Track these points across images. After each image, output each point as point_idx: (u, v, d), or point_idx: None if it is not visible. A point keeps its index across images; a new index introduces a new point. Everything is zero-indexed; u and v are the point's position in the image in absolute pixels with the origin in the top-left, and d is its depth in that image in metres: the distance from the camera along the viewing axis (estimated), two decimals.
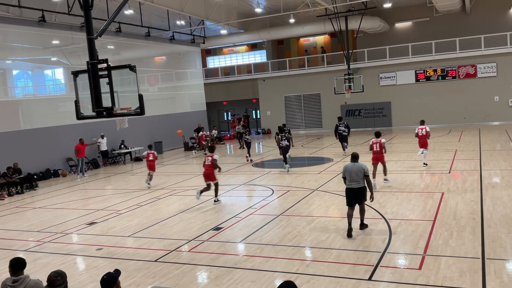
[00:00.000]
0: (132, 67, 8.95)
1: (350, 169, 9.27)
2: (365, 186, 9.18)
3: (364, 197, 9.19)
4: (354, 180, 9.13)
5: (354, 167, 9.27)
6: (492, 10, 29.89)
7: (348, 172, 9.26)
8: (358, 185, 9.11)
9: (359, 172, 9.13)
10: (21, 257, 5.35)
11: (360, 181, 9.10)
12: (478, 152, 18.38)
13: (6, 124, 19.62)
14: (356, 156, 9.66)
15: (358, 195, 9.12)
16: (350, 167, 9.35)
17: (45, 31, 21.20)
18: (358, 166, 9.25)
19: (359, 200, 9.17)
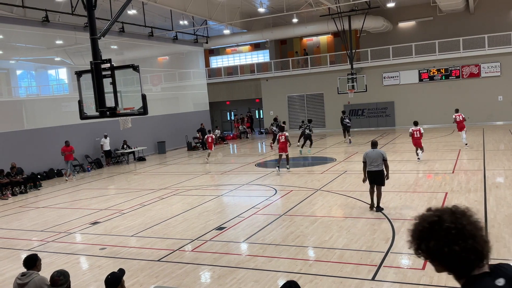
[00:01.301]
0: (135, 67, 8.97)
1: (370, 155, 10.55)
2: (383, 169, 10.48)
3: (382, 180, 10.54)
4: (374, 164, 10.46)
5: (374, 152, 10.54)
6: (495, 9, 29.78)
7: (369, 157, 10.54)
8: (377, 168, 10.45)
9: (378, 157, 10.45)
10: (34, 254, 5.53)
11: (379, 165, 10.44)
12: (481, 152, 18.32)
13: (10, 124, 19.68)
14: (375, 143, 10.85)
15: (377, 176, 10.47)
16: (370, 152, 10.60)
17: (48, 31, 21.27)
18: (377, 151, 10.55)
19: (378, 181, 10.51)
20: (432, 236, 2.01)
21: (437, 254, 2.02)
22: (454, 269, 2.06)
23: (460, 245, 1.96)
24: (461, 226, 2.00)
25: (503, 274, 2.02)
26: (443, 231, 2.00)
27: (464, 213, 2.08)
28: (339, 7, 25.77)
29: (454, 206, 2.14)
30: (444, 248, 1.98)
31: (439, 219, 2.05)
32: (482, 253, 2.00)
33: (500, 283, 1.99)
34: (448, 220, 2.03)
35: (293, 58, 34.77)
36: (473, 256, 1.98)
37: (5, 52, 21.16)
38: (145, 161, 24.82)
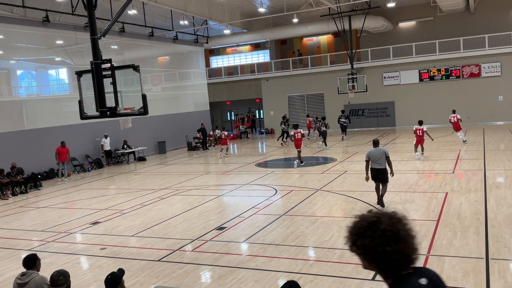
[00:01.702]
0: (136, 67, 8.97)
1: (373, 153, 10.85)
2: (386, 167, 10.80)
3: (386, 178, 10.83)
4: (377, 162, 10.77)
5: (376, 151, 10.85)
6: (496, 9, 29.77)
7: (372, 156, 10.84)
8: (380, 166, 10.78)
9: (382, 155, 10.76)
10: (33, 253, 5.54)
11: (382, 162, 10.75)
12: (482, 152, 18.32)
13: (10, 124, 19.69)
14: (377, 142, 11.21)
15: (380, 174, 10.79)
16: (373, 151, 10.90)
17: (49, 31, 21.27)
18: (380, 150, 10.90)
19: (381, 179, 10.82)
20: (369, 235, 2.16)
21: (370, 252, 2.16)
22: (383, 268, 2.21)
23: (392, 247, 2.12)
24: (396, 230, 2.16)
25: (424, 275, 2.22)
26: (380, 231, 2.14)
27: (401, 220, 2.24)
28: (339, 7, 25.76)
29: (393, 212, 2.28)
30: (378, 247, 2.13)
31: (377, 220, 2.19)
32: (410, 257, 2.17)
33: (423, 282, 2.18)
34: (385, 222, 2.17)
35: (293, 58, 34.78)
36: (403, 259, 2.15)
37: (6, 52, 21.16)
38: (146, 161, 24.83)
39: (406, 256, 2.17)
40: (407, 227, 2.22)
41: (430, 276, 2.24)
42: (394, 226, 2.18)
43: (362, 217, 2.26)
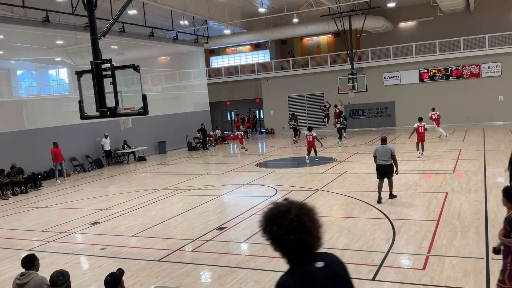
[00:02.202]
0: (136, 67, 8.97)
1: (380, 150, 11.37)
2: (392, 163, 11.26)
3: (391, 172, 11.36)
4: (383, 158, 11.25)
5: (383, 148, 11.36)
6: (496, 9, 29.77)
7: (378, 152, 11.36)
8: (386, 163, 11.25)
9: (387, 152, 11.24)
10: (31, 254, 5.53)
11: (388, 159, 11.22)
12: (482, 152, 18.32)
13: (10, 124, 19.69)
14: (384, 139, 11.72)
15: (387, 170, 11.29)
16: (379, 148, 11.43)
17: (49, 31, 21.28)
18: (386, 147, 11.37)
19: (387, 175, 11.34)
20: (277, 223, 2.36)
21: (276, 239, 2.38)
22: (287, 254, 2.42)
23: (296, 236, 2.34)
24: (302, 221, 2.37)
25: (322, 259, 2.46)
26: (287, 221, 2.34)
27: (309, 211, 2.44)
28: (340, 7, 25.76)
29: (304, 203, 2.47)
30: (284, 235, 2.34)
31: (287, 210, 2.38)
32: (312, 247, 2.41)
33: (319, 265, 2.43)
34: (293, 213, 2.37)
35: (293, 58, 34.78)
36: (304, 247, 2.38)
37: (6, 52, 21.17)
38: (146, 161, 24.83)
39: (308, 245, 2.39)
40: (313, 218, 2.43)
41: (328, 260, 2.49)
42: (301, 217, 2.37)
43: (275, 205, 2.43)
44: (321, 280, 2.39)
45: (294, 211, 2.37)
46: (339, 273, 2.49)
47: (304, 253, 2.41)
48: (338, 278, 2.47)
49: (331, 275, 2.44)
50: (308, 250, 2.41)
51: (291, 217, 2.35)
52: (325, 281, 2.40)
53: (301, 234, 2.35)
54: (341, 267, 2.53)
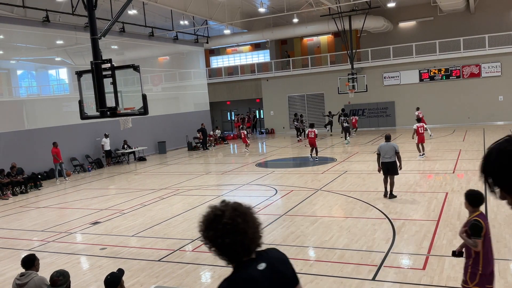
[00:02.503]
0: (136, 67, 8.98)
1: (384, 147, 11.59)
2: (396, 160, 11.52)
3: (395, 170, 11.57)
4: (387, 156, 11.48)
5: (387, 145, 11.57)
6: (496, 9, 29.77)
7: (382, 150, 11.58)
8: (390, 160, 11.50)
9: (391, 149, 11.48)
10: (31, 254, 5.53)
11: (392, 156, 11.46)
12: (482, 152, 18.30)
13: (10, 124, 19.69)
14: (389, 137, 11.94)
15: (391, 167, 11.52)
16: (383, 145, 11.64)
17: (49, 31, 21.28)
18: (390, 145, 11.57)
19: (391, 172, 11.55)
20: (213, 227, 2.38)
21: (213, 243, 2.41)
22: (224, 257, 2.43)
23: (231, 239, 2.34)
24: (236, 223, 2.36)
25: (264, 259, 2.48)
26: (221, 225, 2.35)
27: (244, 212, 2.44)
28: (340, 7, 25.77)
29: (239, 205, 2.48)
30: (218, 239, 2.37)
31: (222, 213, 2.39)
32: (249, 248, 2.41)
33: (261, 267, 2.44)
34: (227, 216, 2.37)
35: (289, 59, 34.77)
36: (240, 249, 2.38)
37: (6, 52, 21.17)
38: (146, 161, 24.83)
39: (244, 247, 2.39)
40: (248, 219, 2.43)
41: (270, 260, 2.49)
42: (234, 220, 2.37)
43: (212, 209, 2.46)
44: (264, 283, 2.41)
45: (228, 214, 2.38)
46: (281, 271, 2.52)
47: (242, 255, 2.42)
48: (281, 277, 2.51)
49: (273, 276, 2.46)
50: (244, 252, 2.41)
51: (225, 220, 2.36)
52: (268, 283, 2.42)
53: (236, 237, 2.35)
54: (283, 264, 2.56)
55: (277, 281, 2.48)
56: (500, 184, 1.61)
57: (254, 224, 2.46)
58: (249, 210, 2.50)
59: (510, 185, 1.58)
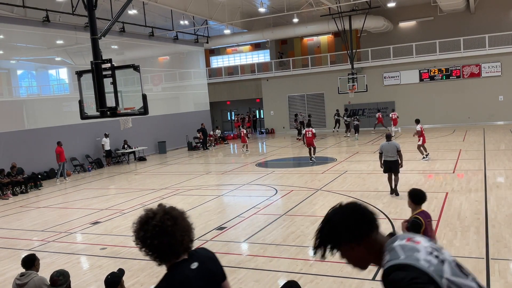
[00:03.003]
0: (136, 67, 8.97)
1: (386, 146, 11.87)
2: (398, 159, 11.80)
3: (397, 168, 11.90)
4: (389, 155, 11.78)
5: (389, 145, 11.85)
6: (496, 9, 29.76)
7: (385, 149, 11.87)
8: (392, 158, 11.80)
9: (394, 148, 11.76)
10: (32, 254, 5.53)
11: (394, 155, 11.75)
12: (482, 152, 18.31)
13: (10, 123, 19.69)
14: (389, 136, 12.25)
15: (393, 165, 11.83)
16: (385, 144, 11.91)
17: (49, 31, 21.28)
18: (392, 144, 11.88)
19: (393, 170, 11.88)
20: (144, 229, 2.50)
21: (143, 243, 2.50)
22: (154, 257, 2.54)
23: (159, 240, 2.46)
24: (165, 225, 2.48)
25: (196, 258, 2.63)
26: (151, 226, 2.48)
27: (175, 216, 2.56)
28: (340, 7, 25.76)
29: (172, 209, 2.62)
30: (147, 240, 2.47)
31: (153, 216, 2.52)
32: (177, 250, 2.53)
33: (194, 266, 2.59)
34: (157, 219, 2.50)
35: (294, 58, 34.78)
36: (168, 250, 2.50)
37: (6, 52, 21.17)
38: (146, 161, 24.83)
39: (171, 248, 2.50)
40: (178, 222, 2.55)
41: (201, 259, 2.65)
42: (164, 222, 2.49)
43: (145, 212, 2.58)
44: (196, 281, 2.55)
45: (158, 217, 2.50)
46: (211, 269, 2.69)
47: (170, 257, 2.54)
48: (211, 274, 2.67)
49: (205, 274, 2.62)
50: (173, 253, 2.53)
51: (154, 223, 2.48)
52: (200, 281, 2.57)
53: (163, 238, 2.46)
54: (213, 262, 2.73)
55: (208, 278, 2.65)
56: (336, 245, 2.01)
57: (184, 228, 2.57)
58: (181, 214, 2.62)
59: (341, 242, 1.99)
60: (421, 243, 1.98)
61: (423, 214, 5.29)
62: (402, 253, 1.89)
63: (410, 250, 1.91)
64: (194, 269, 2.59)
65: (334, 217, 2.04)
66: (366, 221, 2.01)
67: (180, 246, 2.54)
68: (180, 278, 2.54)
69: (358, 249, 1.99)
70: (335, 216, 2.04)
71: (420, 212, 5.25)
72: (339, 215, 2.03)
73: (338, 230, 1.99)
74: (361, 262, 2.06)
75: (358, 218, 2.01)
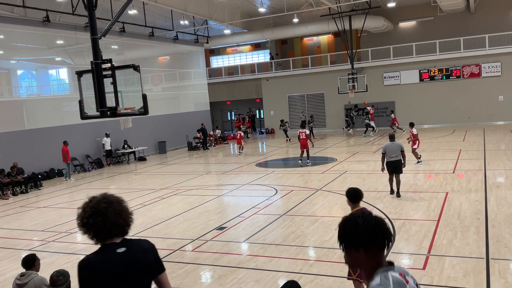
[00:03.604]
0: (136, 67, 8.97)
1: (390, 146, 11.79)
2: (401, 159, 11.75)
3: (400, 169, 11.84)
4: (394, 154, 11.72)
5: (393, 145, 11.79)
6: (496, 9, 29.76)
7: (388, 149, 11.79)
8: (396, 158, 11.74)
9: (397, 148, 11.72)
10: (32, 254, 5.52)
11: (398, 155, 11.71)
12: (482, 152, 18.31)
13: (10, 124, 19.70)
14: (393, 136, 12.15)
15: (397, 165, 11.77)
16: (389, 144, 11.83)
17: (49, 31, 21.28)
18: (396, 144, 11.82)
19: (396, 170, 11.80)
20: (84, 210, 2.90)
21: (81, 223, 2.90)
22: (90, 235, 2.92)
23: (94, 220, 2.85)
24: (100, 207, 2.86)
25: (127, 245, 2.95)
26: (88, 208, 2.89)
27: (110, 201, 2.93)
28: (340, 7, 25.75)
29: (111, 196, 2.98)
30: (84, 219, 2.87)
31: (91, 200, 2.92)
32: (110, 230, 2.89)
33: (120, 250, 2.89)
34: (94, 202, 2.90)
35: (294, 58, 34.77)
36: (101, 229, 2.87)
37: (6, 52, 21.17)
38: (146, 161, 24.83)
39: (104, 228, 2.85)
40: (113, 207, 2.90)
41: (131, 246, 2.96)
42: (99, 205, 2.86)
43: (89, 198, 2.96)
44: (118, 264, 2.84)
45: (95, 201, 2.89)
46: (139, 257, 2.93)
47: (104, 236, 2.88)
48: (138, 264, 2.91)
49: (130, 261, 2.88)
50: (105, 232, 2.87)
51: (91, 205, 2.87)
52: (122, 265, 2.84)
53: (97, 218, 2.82)
54: (143, 252, 2.99)
55: (135, 265, 2.89)
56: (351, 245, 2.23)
57: (118, 210, 2.92)
58: (117, 199, 2.98)
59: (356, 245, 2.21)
60: (410, 283, 2.23)
61: (361, 211, 5.46)
62: (391, 284, 2.14)
63: (398, 284, 2.16)
64: (120, 253, 2.87)
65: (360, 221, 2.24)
66: (385, 238, 2.23)
67: (114, 226, 2.87)
68: (101, 258, 2.85)
69: (363, 256, 2.21)
70: (363, 222, 2.23)
71: (358, 209, 5.62)
72: (367, 222, 2.23)
73: (358, 235, 2.20)
74: (357, 267, 2.31)
75: (382, 232, 2.22)
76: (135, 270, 2.88)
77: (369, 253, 2.20)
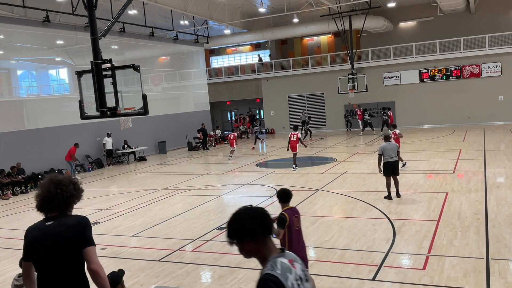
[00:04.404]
0: (136, 67, 8.97)
1: (388, 147, 11.75)
2: (397, 160, 11.83)
3: (397, 170, 11.83)
4: (391, 155, 11.68)
5: (390, 145, 11.80)
6: (496, 9, 29.76)
7: (386, 150, 11.72)
8: (394, 159, 11.74)
9: (395, 148, 11.80)
10: None
11: (395, 155, 11.74)
12: (482, 152, 18.31)
13: (10, 124, 19.69)
14: (388, 137, 12.18)
15: (395, 166, 11.75)
16: (387, 145, 11.79)
17: (49, 31, 21.27)
18: (393, 144, 11.93)
19: (394, 171, 11.73)
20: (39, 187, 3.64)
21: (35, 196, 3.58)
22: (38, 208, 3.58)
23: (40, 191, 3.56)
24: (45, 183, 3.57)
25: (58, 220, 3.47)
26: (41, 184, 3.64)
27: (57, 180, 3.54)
28: (340, 7, 25.76)
29: (60, 175, 3.64)
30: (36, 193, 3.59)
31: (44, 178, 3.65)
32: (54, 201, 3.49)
33: (48, 223, 3.46)
34: (44, 179, 3.63)
35: (294, 58, 34.78)
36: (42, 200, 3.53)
37: (6, 52, 21.17)
38: (146, 161, 24.83)
39: (43, 199, 3.49)
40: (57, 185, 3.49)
41: (60, 221, 3.45)
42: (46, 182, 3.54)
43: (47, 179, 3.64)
44: (42, 235, 3.39)
45: (45, 179, 3.57)
46: (60, 232, 3.39)
47: (45, 207, 3.47)
48: (58, 237, 3.37)
49: (52, 234, 3.37)
50: (44, 203, 3.47)
51: (42, 182, 3.59)
52: (45, 236, 3.38)
53: (43, 190, 3.50)
54: (68, 228, 3.41)
55: (56, 238, 3.37)
56: (240, 239, 2.55)
57: (60, 187, 3.47)
58: (65, 177, 3.58)
59: (244, 238, 2.54)
60: (296, 268, 2.55)
61: (290, 210, 6.07)
62: (279, 269, 2.47)
63: (286, 269, 2.49)
64: (47, 225, 3.41)
65: (243, 216, 2.61)
66: (267, 226, 2.57)
67: (56, 198, 3.44)
68: (34, 226, 3.47)
69: (253, 246, 2.55)
70: (246, 216, 2.61)
71: (287, 209, 6.07)
72: (249, 215, 2.60)
73: (245, 227, 2.54)
74: (252, 256, 2.62)
75: (262, 221, 2.58)
76: (55, 242, 3.34)
77: (258, 242, 2.52)
